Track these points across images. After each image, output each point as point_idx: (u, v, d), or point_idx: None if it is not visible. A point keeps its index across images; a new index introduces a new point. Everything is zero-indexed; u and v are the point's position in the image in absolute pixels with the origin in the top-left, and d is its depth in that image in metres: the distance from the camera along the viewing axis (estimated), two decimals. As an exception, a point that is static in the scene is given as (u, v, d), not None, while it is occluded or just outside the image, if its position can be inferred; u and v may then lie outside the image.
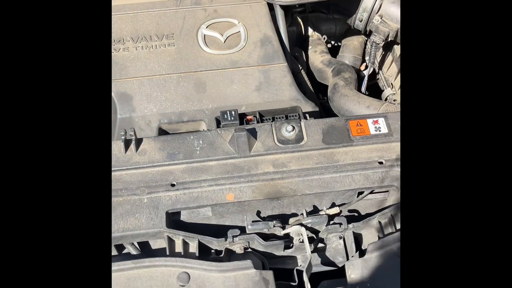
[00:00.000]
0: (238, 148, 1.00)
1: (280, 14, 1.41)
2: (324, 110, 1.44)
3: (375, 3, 1.34)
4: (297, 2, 1.23)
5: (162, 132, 1.29)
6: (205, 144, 1.02)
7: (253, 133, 1.03)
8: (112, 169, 0.98)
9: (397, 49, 1.41)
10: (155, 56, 1.33)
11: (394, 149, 1.01)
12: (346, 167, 0.99)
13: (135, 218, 0.94)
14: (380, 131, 1.03)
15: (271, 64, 1.34)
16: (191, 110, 1.29)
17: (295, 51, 1.55)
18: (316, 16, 1.63)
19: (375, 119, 1.04)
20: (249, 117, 1.14)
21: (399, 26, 1.34)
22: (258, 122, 1.12)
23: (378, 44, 1.34)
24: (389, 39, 1.35)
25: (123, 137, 1.00)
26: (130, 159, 1.00)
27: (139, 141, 1.02)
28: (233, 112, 1.10)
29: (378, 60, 1.47)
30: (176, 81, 1.31)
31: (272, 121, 1.10)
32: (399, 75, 1.37)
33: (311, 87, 1.48)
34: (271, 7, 1.41)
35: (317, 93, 1.53)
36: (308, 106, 1.33)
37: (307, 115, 1.15)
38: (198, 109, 1.29)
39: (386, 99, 1.40)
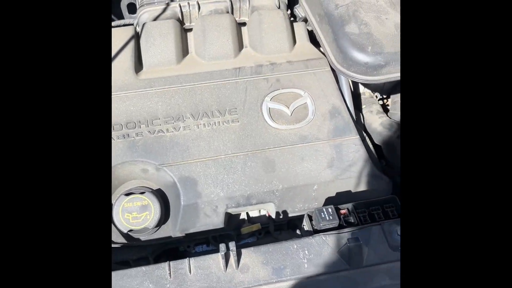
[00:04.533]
0: (350, 260, 0.90)
1: (344, 81, 1.32)
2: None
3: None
4: (378, 81, 1.14)
5: (226, 216, 1.18)
6: (311, 255, 0.91)
7: (362, 238, 0.93)
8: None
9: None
10: (219, 134, 1.21)
11: None
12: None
13: None
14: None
15: (342, 138, 1.24)
16: (261, 192, 1.18)
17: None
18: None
19: (489, 216, 0.96)
20: (343, 211, 1.04)
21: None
22: (356, 217, 1.02)
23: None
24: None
25: (223, 252, 0.88)
26: (233, 279, 0.88)
27: (239, 255, 0.90)
28: (330, 210, 1.00)
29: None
30: (243, 161, 1.19)
31: (371, 220, 1.01)
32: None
33: (375, 155, 1.40)
34: (335, 72, 1.32)
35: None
36: (383, 182, 1.24)
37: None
38: (268, 191, 1.19)
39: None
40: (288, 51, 1.35)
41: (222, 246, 0.88)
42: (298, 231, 1.07)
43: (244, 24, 1.44)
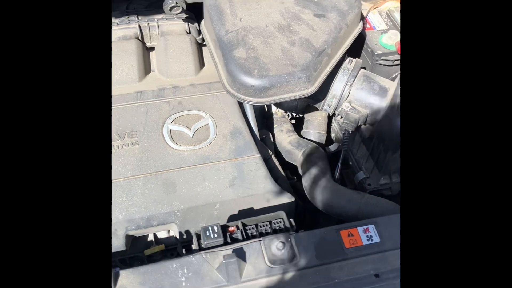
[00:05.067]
0: (228, 276, 0.92)
1: (247, 102, 1.37)
2: (295, 191, 1.40)
3: (344, 89, 1.33)
4: (266, 103, 1.19)
5: (128, 239, 1.19)
6: (190, 273, 0.93)
7: (241, 254, 0.95)
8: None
9: (364, 129, 1.41)
10: (118, 158, 1.22)
11: (388, 259, 0.98)
12: (343, 284, 0.94)
13: None
14: (372, 240, 0.99)
15: (243, 157, 1.28)
16: (161, 213, 1.19)
17: (262, 133, 1.51)
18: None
19: (365, 227, 1.01)
20: (231, 229, 1.06)
21: (368, 111, 1.34)
22: (242, 234, 1.05)
23: (350, 131, 1.33)
24: (360, 124, 1.35)
25: (98, 276, 0.88)
26: (108, 301, 0.88)
27: (116, 276, 0.91)
28: (215, 228, 1.02)
29: (346, 141, 1.46)
30: (142, 183, 1.21)
31: (259, 236, 1.04)
32: (369, 157, 1.37)
33: (282, 172, 1.44)
34: (237, 94, 1.36)
35: (285, 171, 1.49)
36: (284, 198, 1.28)
37: (291, 220, 1.09)
38: (169, 212, 1.20)
39: (359, 183, 1.38)
40: (193, 74, 1.39)
41: (97, 269, 0.88)
42: (183, 251, 1.09)
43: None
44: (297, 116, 1.68)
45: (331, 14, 1.24)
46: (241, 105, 1.37)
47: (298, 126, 1.64)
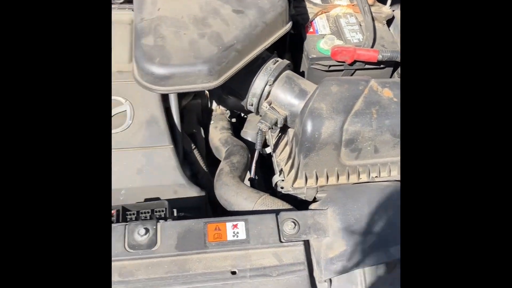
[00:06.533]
0: (81, 254, 0.93)
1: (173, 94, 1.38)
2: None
3: (264, 89, 1.32)
4: (167, 92, 1.19)
5: None
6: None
7: (102, 236, 0.96)
8: None
9: (291, 132, 1.39)
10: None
11: (249, 257, 0.96)
12: (196, 277, 0.94)
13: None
14: (238, 236, 0.98)
15: (155, 146, 1.29)
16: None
17: (193, 128, 1.52)
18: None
19: (235, 223, 1.00)
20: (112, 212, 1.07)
21: (287, 112, 1.32)
22: (118, 218, 1.06)
23: (264, 131, 1.31)
24: (278, 126, 1.33)
25: None
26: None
27: None
28: (90, 208, 1.03)
29: (273, 143, 1.44)
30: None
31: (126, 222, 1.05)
32: (290, 160, 1.34)
33: (204, 167, 1.44)
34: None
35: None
36: (192, 191, 1.28)
37: (174, 210, 1.09)
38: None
39: (275, 185, 1.36)
40: (125, 62, 1.41)
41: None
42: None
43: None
44: (245, 116, 1.68)
45: (250, 11, 1.23)
46: (166, 96, 1.38)
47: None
